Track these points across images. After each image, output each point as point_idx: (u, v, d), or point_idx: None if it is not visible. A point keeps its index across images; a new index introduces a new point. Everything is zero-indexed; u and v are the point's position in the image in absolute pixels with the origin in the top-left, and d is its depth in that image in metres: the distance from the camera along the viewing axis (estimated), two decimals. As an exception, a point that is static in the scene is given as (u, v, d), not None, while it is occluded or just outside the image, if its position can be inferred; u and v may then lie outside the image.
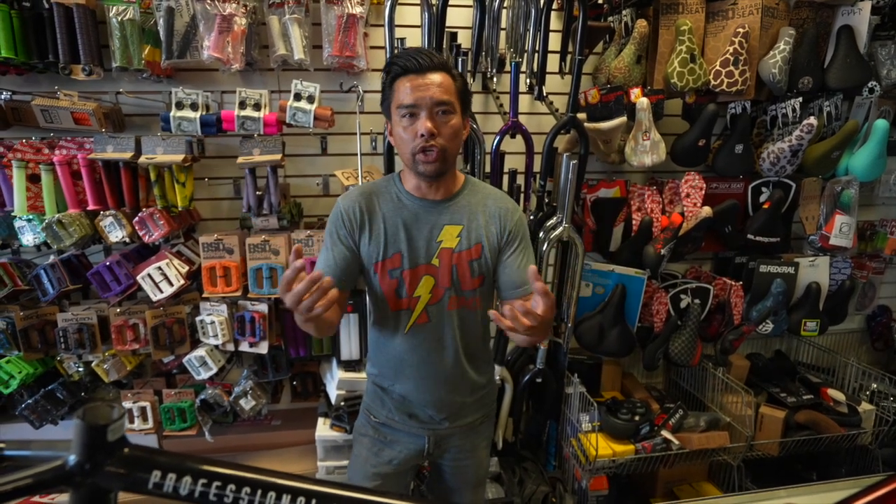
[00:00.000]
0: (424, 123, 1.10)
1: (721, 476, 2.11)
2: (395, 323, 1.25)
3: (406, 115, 1.12)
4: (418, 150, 1.13)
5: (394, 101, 1.14)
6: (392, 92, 1.15)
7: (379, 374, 1.34)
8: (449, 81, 1.13)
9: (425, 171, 1.15)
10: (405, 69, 1.12)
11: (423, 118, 1.11)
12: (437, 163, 1.13)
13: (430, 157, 1.12)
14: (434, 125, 1.11)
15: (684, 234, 1.91)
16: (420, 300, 1.22)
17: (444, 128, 1.13)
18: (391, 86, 1.15)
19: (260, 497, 0.49)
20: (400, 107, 1.13)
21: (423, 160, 1.13)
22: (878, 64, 1.99)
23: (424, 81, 1.11)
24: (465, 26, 1.90)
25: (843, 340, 2.48)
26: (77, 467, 0.47)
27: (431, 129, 1.10)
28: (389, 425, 1.35)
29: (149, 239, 1.65)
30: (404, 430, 1.34)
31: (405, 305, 1.23)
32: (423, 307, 1.23)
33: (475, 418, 1.38)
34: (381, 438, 1.36)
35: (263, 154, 1.68)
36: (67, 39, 1.55)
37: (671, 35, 1.85)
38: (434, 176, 1.17)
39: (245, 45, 1.64)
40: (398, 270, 1.20)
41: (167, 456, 0.49)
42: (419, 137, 1.11)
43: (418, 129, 1.11)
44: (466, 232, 1.22)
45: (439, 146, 1.12)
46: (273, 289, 1.69)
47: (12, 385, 1.69)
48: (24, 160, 1.61)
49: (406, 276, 1.20)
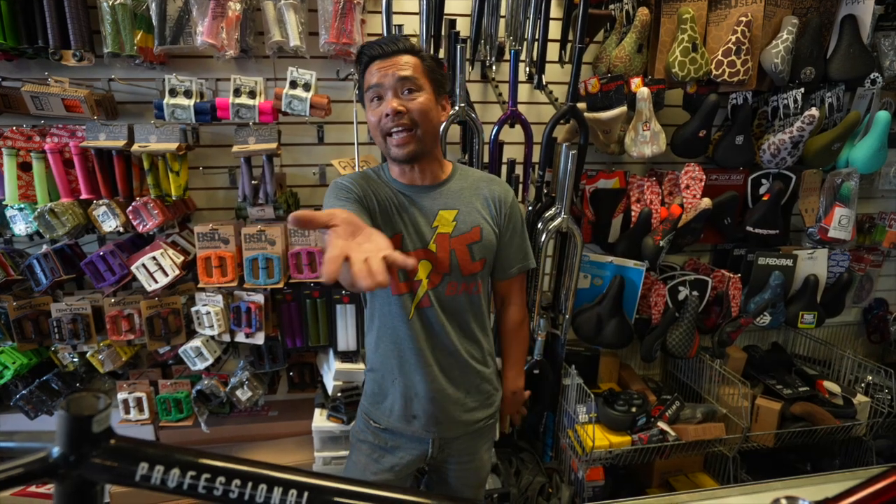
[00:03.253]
0: (390, 103, 1.10)
1: (717, 467, 2.12)
2: (397, 309, 1.22)
3: (374, 98, 1.13)
4: (387, 132, 1.12)
5: (364, 88, 1.15)
6: (364, 80, 1.15)
7: (380, 370, 1.30)
8: (415, 61, 1.13)
9: (398, 156, 1.14)
10: (371, 56, 1.13)
11: (388, 98, 1.11)
12: (409, 144, 1.12)
13: (401, 139, 1.12)
14: (399, 103, 1.10)
15: (683, 225, 1.90)
16: (422, 283, 1.21)
17: (410, 104, 1.11)
18: (363, 75, 1.15)
19: (251, 489, 0.48)
20: (367, 90, 1.12)
21: (394, 143, 1.12)
22: (881, 55, 1.97)
23: (389, 62, 1.11)
24: (464, 14, 1.87)
25: (840, 333, 2.49)
26: (61, 459, 0.45)
27: (396, 108, 1.09)
28: (392, 430, 1.31)
29: (143, 228, 1.63)
30: (407, 435, 1.30)
31: (406, 289, 1.20)
32: (426, 291, 1.21)
33: (481, 418, 1.34)
34: (383, 444, 1.33)
35: (259, 143, 1.66)
36: (57, 24, 1.52)
37: (673, 23, 1.82)
38: (409, 159, 1.15)
39: (240, 31, 1.61)
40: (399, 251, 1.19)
41: (155, 447, 0.48)
42: (385, 118, 1.10)
43: (383, 109, 1.10)
44: (462, 216, 1.22)
45: (407, 123, 1.11)
46: (269, 279, 1.67)
47: (6, 376, 1.68)
48: (15, 148, 1.59)
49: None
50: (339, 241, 0.71)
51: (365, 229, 0.77)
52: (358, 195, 1.14)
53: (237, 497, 0.48)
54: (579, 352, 2.11)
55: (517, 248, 1.32)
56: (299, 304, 1.79)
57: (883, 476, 0.58)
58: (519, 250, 1.33)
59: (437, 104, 1.17)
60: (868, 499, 0.56)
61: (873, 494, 0.57)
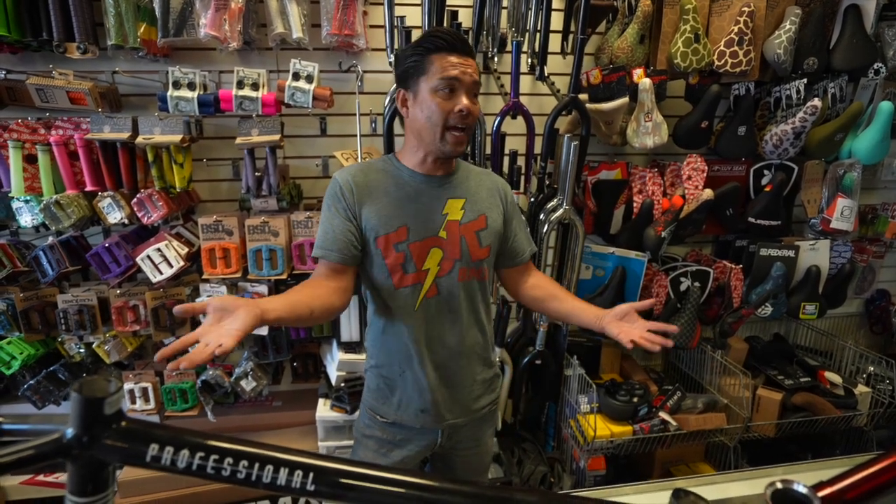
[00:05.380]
0: (464, 100, 1.12)
1: (718, 457, 2.14)
2: (403, 302, 1.22)
3: (446, 88, 1.11)
4: (452, 126, 1.13)
5: (430, 73, 1.11)
6: (427, 64, 1.12)
7: (385, 365, 1.30)
8: (477, 70, 1.16)
9: (450, 152, 1.17)
10: (451, 46, 1.11)
11: (462, 95, 1.12)
12: (464, 144, 1.17)
13: (460, 137, 1.15)
14: (472, 105, 1.14)
15: (685, 216, 1.91)
16: (429, 273, 1.21)
17: (475, 108, 1.15)
18: (425, 57, 1.12)
19: (258, 470, 0.50)
20: (442, 79, 1.10)
21: (453, 140, 1.14)
22: (884, 45, 1.96)
23: (466, 61, 1.13)
24: (466, 5, 1.87)
25: (842, 324, 2.49)
26: (74, 440, 0.47)
27: (472, 109, 1.13)
28: (400, 424, 1.31)
29: (147, 220, 1.64)
30: (416, 427, 1.31)
31: (413, 280, 1.21)
32: (433, 280, 1.22)
33: (485, 404, 1.37)
34: (391, 439, 1.32)
35: (262, 135, 1.67)
36: (61, 16, 1.52)
37: (675, 14, 1.82)
38: (457, 155, 1.20)
39: (242, 24, 1.61)
40: (404, 244, 1.19)
41: (165, 429, 0.49)
42: (456, 113, 1.12)
43: (457, 104, 1.11)
44: (469, 205, 1.24)
45: (471, 125, 1.16)
46: (273, 270, 1.68)
47: (14, 366, 1.70)
48: (21, 140, 1.60)
49: (413, 248, 1.19)
50: (201, 329, 0.85)
51: (234, 312, 0.88)
52: (348, 207, 1.19)
53: (244, 477, 0.50)
54: (581, 342, 2.12)
55: (525, 235, 1.39)
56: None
57: (876, 460, 0.59)
58: (526, 236, 1.40)
59: None
60: (861, 482, 0.57)
61: (867, 477, 0.58)
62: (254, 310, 0.90)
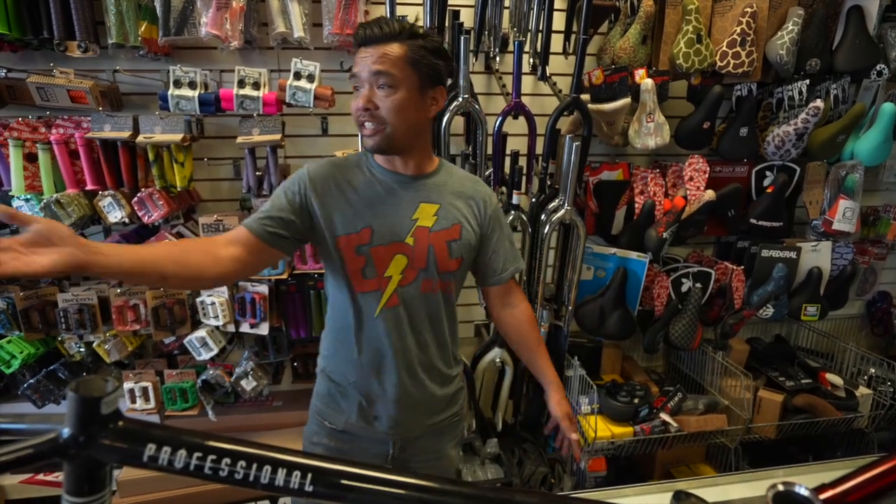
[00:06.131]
0: (361, 97, 1.07)
1: (718, 458, 2.13)
2: (362, 307, 1.15)
3: (355, 85, 1.09)
4: (359, 124, 1.10)
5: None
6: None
7: (337, 371, 1.23)
8: (399, 51, 1.05)
9: (367, 146, 1.12)
10: (361, 40, 1.08)
11: (365, 90, 1.07)
12: (375, 137, 1.08)
13: (368, 131, 1.09)
14: (368, 99, 1.06)
15: (687, 217, 1.90)
16: (391, 280, 1.14)
17: (382, 101, 1.06)
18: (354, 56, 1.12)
19: (255, 471, 0.49)
20: (350, 77, 1.10)
21: (364, 134, 1.10)
22: (887, 46, 1.95)
23: (370, 51, 1.06)
24: (468, 4, 1.86)
25: (843, 325, 2.48)
26: (71, 440, 0.46)
27: (364, 105, 1.06)
28: (349, 431, 1.24)
29: (148, 220, 1.64)
30: (366, 436, 1.23)
31: (373, 287, 1.14)
32: (395, 288, 1.14)
33: (444, 417, 1.29)
34: (340, 447, 1.25)
35: (263, 134, 1.66)
36: (62, 14, 1.52)
37: (678, 14, 1.81)
38: (377, 151, 1.13)
39: (244, 23, 1.61)
40: (366, 247, 1.12)
41: (162, 429, 0.49)
42: (357, 109, 1.08)
43: (357, 101, 1.08)
44: (444, 211, 1.16)
45: (377, 120, 1.07)
46: (273, 270, 1.68)
47: (14, 365, 1.70)
48: (21, 139, 1.60)
49: (375, 253, 1.12)
50: (8, 241, 0.78)
51: (55, 246, 0.80)
52: (304, 197, 1.12)
53: (242, 478, 0.49)
54: (582, 343, 2.11)
55: (508, 250, 1.28)
56: (303, 295, 1.80)
57: (878, 462, 0.59)
58: (510, 252, 1.29)
59: (421, 97, 1.10)
60: (863, 484, 0.57)
61: (869, 480, 0.58)
62: (76, 255, 0.79)
